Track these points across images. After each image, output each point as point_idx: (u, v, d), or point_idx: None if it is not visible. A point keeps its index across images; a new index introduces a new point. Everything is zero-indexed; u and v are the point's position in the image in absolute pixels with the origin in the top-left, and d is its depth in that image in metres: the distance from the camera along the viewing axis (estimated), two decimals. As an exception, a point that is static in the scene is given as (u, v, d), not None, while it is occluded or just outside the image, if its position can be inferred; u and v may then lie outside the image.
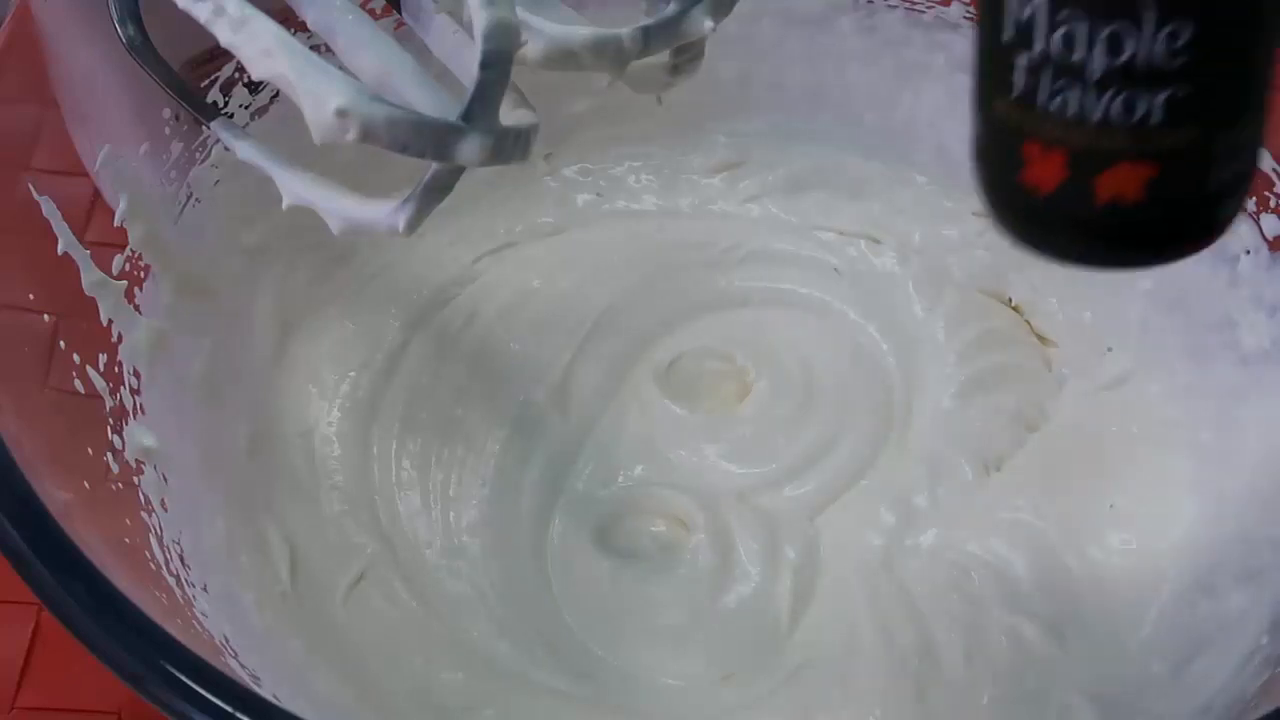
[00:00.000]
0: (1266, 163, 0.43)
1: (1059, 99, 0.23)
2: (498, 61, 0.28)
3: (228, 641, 0.37)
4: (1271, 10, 0.23)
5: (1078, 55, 0.22)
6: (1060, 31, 0.22)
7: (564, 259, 0.52)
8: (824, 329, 0.51)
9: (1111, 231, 0.24)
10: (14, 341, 0.38)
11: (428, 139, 0.28)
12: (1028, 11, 0.23)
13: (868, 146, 0.53)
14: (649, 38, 0.32)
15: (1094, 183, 0.23)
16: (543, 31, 0.31)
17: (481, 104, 0.28)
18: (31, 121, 0.41)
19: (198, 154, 0.45)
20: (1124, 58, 0.22)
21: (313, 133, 0.28)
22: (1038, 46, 0.23)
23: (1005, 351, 0.49)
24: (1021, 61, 0.23)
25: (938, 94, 0.51)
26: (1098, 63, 0.22)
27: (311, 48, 0.30)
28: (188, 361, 0.44)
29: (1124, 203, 0.23)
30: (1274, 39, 0.23)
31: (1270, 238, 0.43)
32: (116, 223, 0.42)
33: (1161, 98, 0.22)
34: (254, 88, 0.45)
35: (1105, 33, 0.22)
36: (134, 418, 0.41)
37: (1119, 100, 0.22)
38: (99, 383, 0.40)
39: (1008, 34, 0.23)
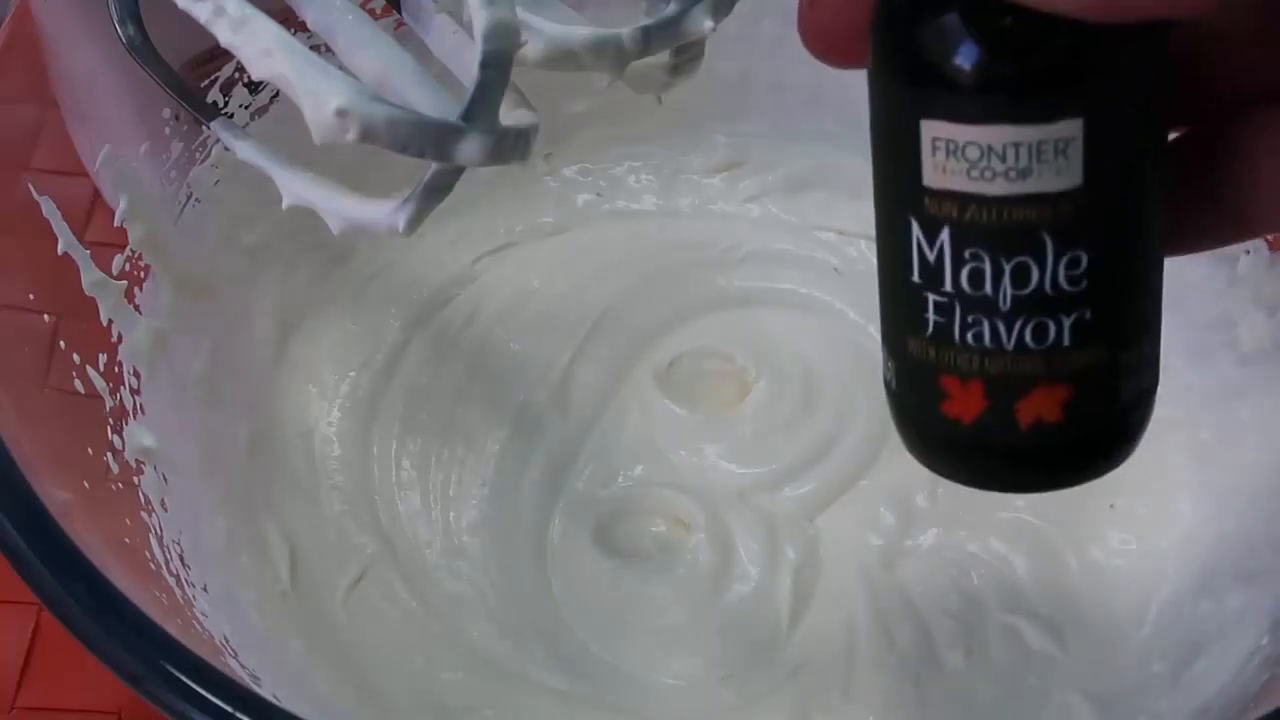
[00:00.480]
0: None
1: (972, 332, 0.24)
2: (498, 61, 0.28)
3: (228, 641, 0.37)
4: (1155, 229, 0.24)
5: (986, 289, 0.23)
6: (967, 269, 0.23)
7: (564, 259, 0.52)
8: (824, 329, 0.51)
9: (1035, 455, 0.25)
10: (14, 341, 0.38)
11: (428, 139, 0.28)
12: (934, 254, 0.24)
13: (868, 146, 0.52)
14: (649, 38, 0.32)
15: (1014, 409, 0.24)
16: (543, 31, 0.31)
17: (481, 104, 0.28)
18: (31, 121, 0.41)
19: (198, 154, 0.45)
20: (1031, 288, 0.23)
21: (313, 133, 0.28)
22: (947, 285, 0.24)
23: (1005, 351, 0.49)
24: (932, 299, 0.24)
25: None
26: (1006, 295, 0.23)
27: (311, 48, 0.30)
28: (188, 361, 0.44)
29: (1044, 426, 0.24)
30: (1159, 260, 0.25)
31: (1270, 237, 0.43)
32: (116, 223, 0.42)
33: (1069, 321, 0.23)
34: (254, 88, 0.45)
35: (1010, 266, 0.23)
36: (134, 418, 0.41)
37: (1030, 327, 0.23)
38: (99, 383, 0.40)
39: (916, 275, 0.24)
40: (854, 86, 0.53)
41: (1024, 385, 0.24)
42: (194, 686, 0.30)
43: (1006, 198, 0.23)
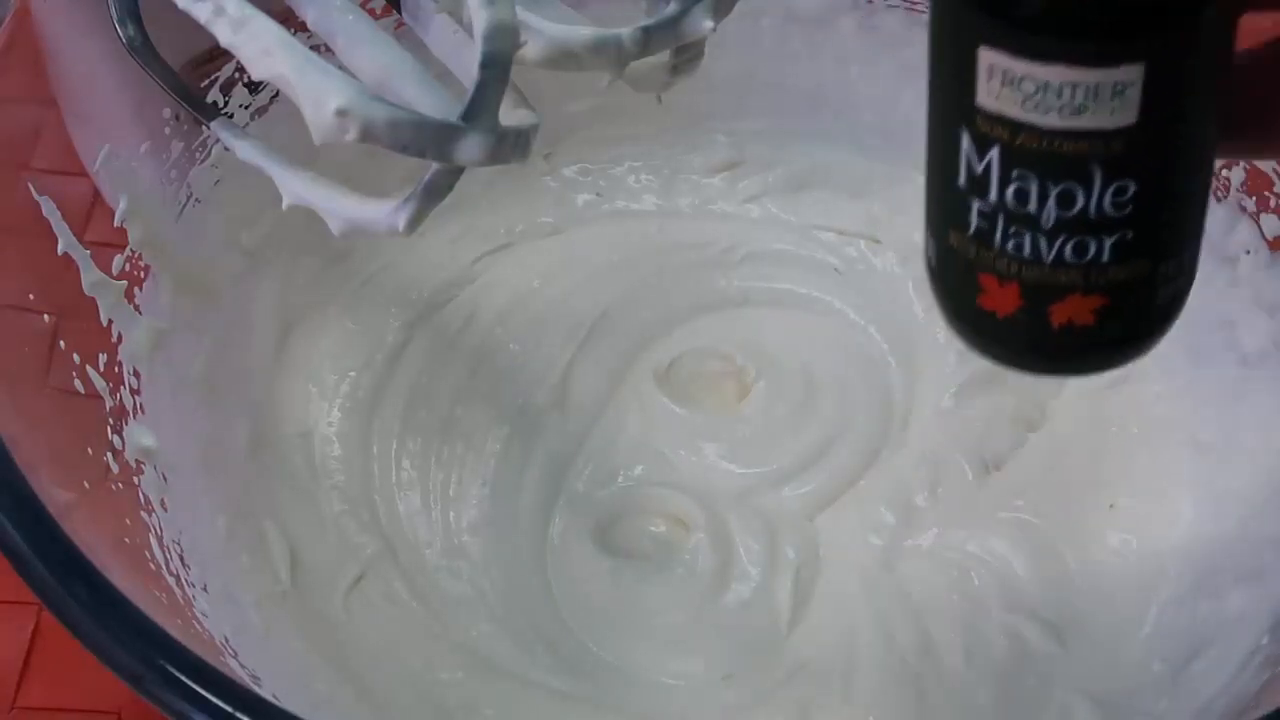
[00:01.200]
0: (1266, 164, 0.43)
1: (1012, 241, 0.24)
2: (497, 61, 0.28)
3: (228, 641, 0.37)
4: (1207, 155, 0.24)
5: (1031, 208, 0.23)
6: (1013, 187, 0.23)
7: (564, 259, 0.52)
8: (824, 329, 0.51)
9: (1066, 350, 0.25)
10: (14, 341, 0.38)
11: (428, 139, 0.28)
12: (981, 167, 0.24)
13: (868, 146, 0.52)
14: (649, 38, 0.32)
15: (1048, 311, 0.24)
16: (543, 31, 0.31)
17: (481, 104, 0.28)
18: (31, 121, 0.41)
19: (198, 154, 0.45)
20: (1075, 210, 0.23)
21: (313, 133, 0.28)
22: (992, 197, 0.24)
23: (1005, 351, 0.49)
24: (976, 205, 0.24)
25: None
26: (1050, 214, 0.23)
27: (311, 48, 0.30)
28: (188, 361, 0.44)
29: (1076, 328, 0.24)
30: (1209, 176, 0.25)
31: (1270, 238, 0.43)
32: (116, 223, 0.42)
33: (1110, 241, 0.23)
34: (254, 88, 0.45)
35: (1056, 190, 0.23)
36: (134, 418, 0.41)
37: (1070, 244, 0.24)
38: (99, 383, 0.40)
39: (962, 180, 0.24)
40: (854, 87, 0.53)
41: (1060, 293, 0.24)
42: (194, 686, 0.30)
43: (1059, 131, 0.23)
